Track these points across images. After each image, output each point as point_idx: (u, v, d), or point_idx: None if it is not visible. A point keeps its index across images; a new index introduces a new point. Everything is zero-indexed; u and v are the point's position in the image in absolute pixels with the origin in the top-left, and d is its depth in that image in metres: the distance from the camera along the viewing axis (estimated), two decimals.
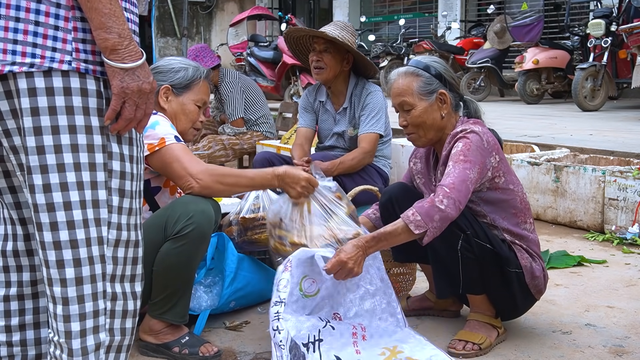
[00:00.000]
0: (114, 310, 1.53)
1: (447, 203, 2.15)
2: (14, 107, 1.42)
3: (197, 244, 2.24)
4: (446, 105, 2.39)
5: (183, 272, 2.26)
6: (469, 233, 2.26)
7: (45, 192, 1.42)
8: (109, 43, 1.40)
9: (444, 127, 2.41)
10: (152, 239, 2.20)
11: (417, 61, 2.45)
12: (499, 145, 2.37)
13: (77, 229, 1.44)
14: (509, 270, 2.31)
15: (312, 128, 3.77)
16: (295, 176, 2.29)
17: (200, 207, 2.22)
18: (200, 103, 2.56)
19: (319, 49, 3.51)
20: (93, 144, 1.45)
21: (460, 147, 2.27)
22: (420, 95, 2.38)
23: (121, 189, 1.51)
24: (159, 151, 2.28)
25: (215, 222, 2.29)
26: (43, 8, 1.40)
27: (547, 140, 5.42)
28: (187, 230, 2.19)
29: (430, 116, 2.38)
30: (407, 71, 2.42)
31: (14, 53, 1.38)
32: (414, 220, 2.14)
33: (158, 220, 2.25)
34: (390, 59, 11.35)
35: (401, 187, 2.57)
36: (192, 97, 2.54)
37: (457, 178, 2.19)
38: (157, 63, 2.58)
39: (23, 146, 1.42)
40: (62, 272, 1.45)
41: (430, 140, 2.44)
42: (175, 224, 2.20)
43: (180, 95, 2.52)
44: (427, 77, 2.39)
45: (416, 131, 2.42)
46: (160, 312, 2.30)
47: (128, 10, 1.50)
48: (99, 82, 1.46)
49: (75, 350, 1.47)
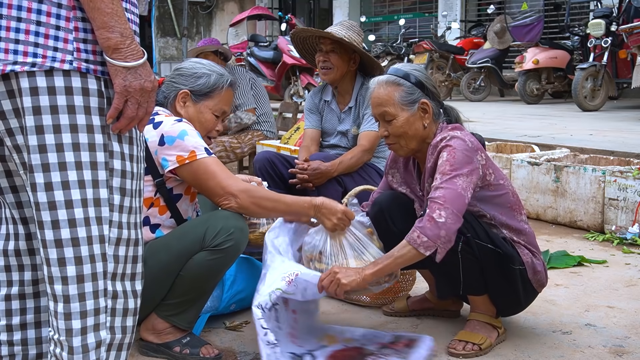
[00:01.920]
0: (115, 309, 1.53)
1: (445, 215, 2.13)
2: (16, 106, 1.42)
3: (231, 259, 2.27)
4: (428, 114, 2.35)
5: (208, 283, 2.28)
6: (469, 235, 2.25)
7: (47, 191, 1.43)
8: (111, 42, 1.42)
9: (426, 136, 2.38)
10: (186, 247, 2.21)
11: (397, 69, 2.40)
12: (481, 145, 2.35)
13: (78, 227, 1.45)
14: (513, 267, 2.30)
15: (318, 129, 3.77)
16: (332, 208, 2.29)
17: (240, 224, 2.24)
18: (219, 112, 2.48)
19: (325, 50, 3.51)
20: (94, 142, 1.46)
21: (445, 157, 2.24)
22: (402, 106, 2.33)
23: (122, 188, 1.52)
24: (190, 164, 2.24)
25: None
26: (44, 8, 1.41)
27: (547, 140, 5.42)
28: (226, 245, 2.20)
29: (412, 126, 2.34)
30: (387, 80, 2.37)
31: (15, 53, 1.39)
32: (421, 243, 2.13)
33: (196, 231, 2.23)
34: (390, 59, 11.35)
35: (390, 197, 2.52)
36: (211, 105, 2.45)
37: (447, 190, 2.17)
38: (182, 64, 2.52)
39: (25, 145, 1.43)
40: (63, 270, 1.45)
41: (412, 150, 2.40)
42: (215, 237, 2.20)
43: (198, 102, 2.44)
44: (408, 87, 2.34)
45: (398, 141, 2.38)
46: (169, 314, 2.30)
47: (129, 10, 1.51)
48: (100, 82, 1.47)
49: (75, 347, 1.48)
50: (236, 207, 2.25)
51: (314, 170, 3.35)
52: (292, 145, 4.85)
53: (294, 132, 5.13)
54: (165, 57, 18.35)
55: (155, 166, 2.28)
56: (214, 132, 2.50)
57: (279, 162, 3.56)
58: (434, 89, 2.42)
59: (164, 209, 2.34)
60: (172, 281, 2.24)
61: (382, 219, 2.46)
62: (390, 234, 2.44)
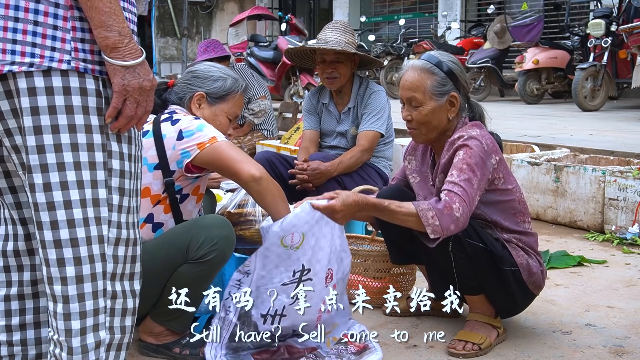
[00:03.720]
0: (114, 309, 1.53)
1: (462, 212, 2.15)
2: (14, 106, 1.42)
3: (216, 269, 2.24)
4: (455, 108, 2.35)
5: (197, 292, 2.24)
6: (459, 235, 2.25)
7: (46, 191, 1.43)
8: (109, 41, 1.41)
9: (447, 129, 2.38)
10: (171, 258, 2.18)
11: (433, 56, 2.38)
12: (497, 146, 2.35)
13: (77, 227, 1.45)
14: (503, 268, 2.31)
15: (317, 130, 3.77)
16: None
17: (224, 233, 2.20)
18: (232, 116, 2.51)
19: (329, 60, 3.50)
20: (93, 142, 1.46)
21: (462, 156, 2.24)
22: (431, 95, 2.32)
23: (121, 188, 1.52)
24: (212, 147, 2.21)
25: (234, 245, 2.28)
26: (42, 8, 1.40)
27: (547, 140, 5.42)
28: (210, 257, 2.16)
29: (437, 117, 2.34)
30: (423, 67, 2.35)
31: (13, 53, 1.39)
32: (432, 225, 2.13)
33: (179, 241, 2.20)
34: (390, 59, 11.35)
35: (395, 190, 2.54)
36: (226, 108, 2.48)
37: (466, 191, 2.18)
38: (195, 67, 2.53)
39: (24, 145, 1.43)
40: (62, 271, 1.45)
41: (430, 140, 2.42)
42: (198, 249, 2.16)
43: (213, 105, 2.46)
44: (442, 77, 2.33)
45: (419, 128, 2.38)
46: (164, 320, 2.29)
47: (127, 10, 1.50)
48: (98, 82, 1.46)
49: (75, 348, 1.47)
50: (264, 178, 2.17)
51: (314, 171, 3.35)
52: (292, 145, 4.85)
53: (294, 132, 5.13)
54: (165, 57, 18.37)
55: (167, 164, 2.27)
56: (227, 135, 2.49)
57: (278, 162, 3.56)
58: (465, 84, 2.41)
59: (168, 208, 2.33)
60: (162, 290, 2.21)
61: None
62: (391, 228, 2.46)
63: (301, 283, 2.18)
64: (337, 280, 2.32)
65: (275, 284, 2.19)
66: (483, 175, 2.24)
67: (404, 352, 2.37)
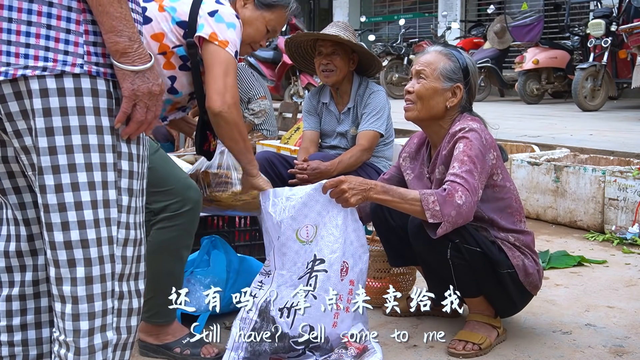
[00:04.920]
0: (121, 309, 1.54)
1: (465, 200, 2.16)
2: (24, 107, 1.42)
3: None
4: (455, 99, 2.38)
5: (160, 283, 2.21)
6: (457, 241, 2.26)
7: (57, 193, 1.43)
8: (119, 46, 1.42)
9: (441, 117, 2.40)
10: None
11: (457, 51, 2.47)
12: (495, 142, 2.37)
13: (88, 228, 1.45)
14: (500, 272, 2.32)
15: (317, 130, 3.77)
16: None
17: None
18: (271, 28, 2.48)
19: (326, 52, 3.50)
20: (104, 144, 1.46)
21: (462, 148, 2.26)
22: (439, 75, 2.37)
23: (130, 189, 1.53)
24: (216, 47, 2.16)
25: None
26: (55, 12, 1.41)
27: (547, 140, 5.43)
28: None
29: (435, 97, 2.37)
30: (443, 51, 2.43)
31: (26, 57, 1.39)
32: (432, 209, 2.15)
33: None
34: (390, 59, 11.35)
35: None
36: (268, 18, 2.44)
37: (469, 182, 2.19)
38: None
39: (34, 146, 1.43)
40: (73, 271, 1.46)
41: (421, 119, 2.42)
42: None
43: (258, 10, 2.43)
44: (456, 67, 2.39)
45: (415, 102, 2.40)
46: (146, 316, 2.27)
47: (134, 10, 1.51)
48: (109, 83, 1.47)
49: (82, 348, 1.48)
50: (224, 116, 2.15)
51: (314, 170, 3.35)
52: (292, 145, 4.85)
53: (294, 132, 5.13)
54: None
55: (195, 27, 2.20)
56: (257, 45, 2.49)
57: (278, 162, 3.56)
58: (474, 87, 2.46)
59: (168, 65, 2.25)
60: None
61: (380, 212, 2.50)
62: (388, 227, 2.48)
63: (314, 273, 2.19)
64: (354, 276, 2.28)
65: (294, 280, 2.23)
66: (483, 169, 2.26)
67: (404, 352, 2.38)
